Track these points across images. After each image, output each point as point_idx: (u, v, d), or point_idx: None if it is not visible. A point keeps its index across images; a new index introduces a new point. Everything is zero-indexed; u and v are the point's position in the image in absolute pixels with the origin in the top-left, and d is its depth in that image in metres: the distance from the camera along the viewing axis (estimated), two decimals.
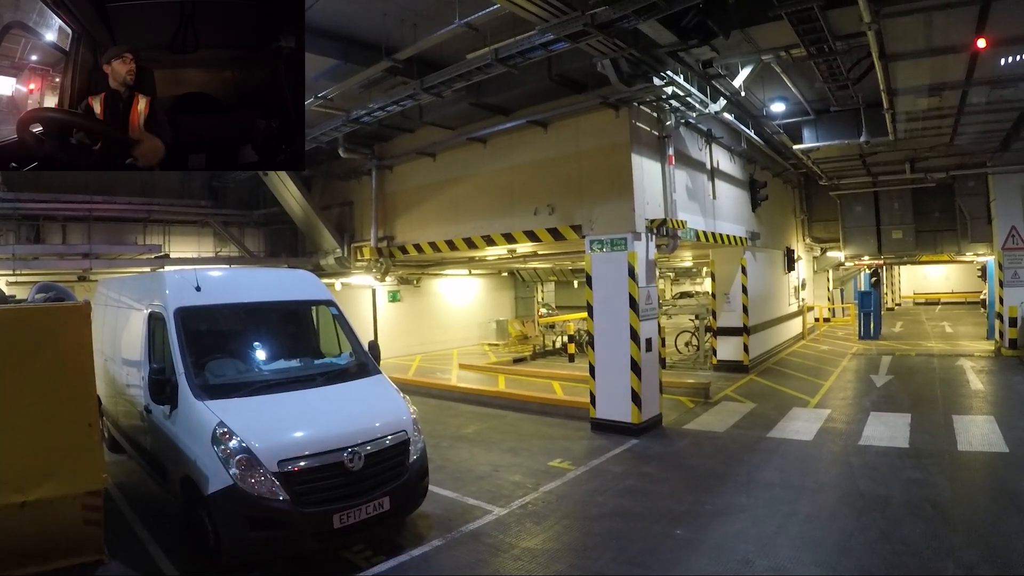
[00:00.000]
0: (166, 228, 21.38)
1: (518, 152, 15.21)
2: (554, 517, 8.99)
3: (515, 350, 26.72)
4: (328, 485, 7.25)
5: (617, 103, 13.07)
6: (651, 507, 9.21)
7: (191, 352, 8.22)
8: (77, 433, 6.91)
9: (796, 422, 13.68)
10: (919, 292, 50.25)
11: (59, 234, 19.44)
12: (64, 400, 6.89)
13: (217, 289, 9.26)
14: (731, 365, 20.00)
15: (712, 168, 17.51)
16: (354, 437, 7.58)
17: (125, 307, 10.62)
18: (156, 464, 8.82)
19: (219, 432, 7.18)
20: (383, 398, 8.76)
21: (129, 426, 10.21)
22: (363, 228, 19.88)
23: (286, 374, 8.61)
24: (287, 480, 7.01)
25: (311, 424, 7.70)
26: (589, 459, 11.53)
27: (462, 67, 11.38)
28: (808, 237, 30.37)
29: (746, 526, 8.41)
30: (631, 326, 12.91)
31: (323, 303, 10.08)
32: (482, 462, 11.54)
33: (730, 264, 20.11)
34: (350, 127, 14.92)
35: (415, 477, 8.16)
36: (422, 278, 26.64)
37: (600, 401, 13.49)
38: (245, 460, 6.98)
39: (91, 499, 6.99)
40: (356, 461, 7.42)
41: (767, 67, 13.82)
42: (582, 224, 13.76)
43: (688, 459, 11.57)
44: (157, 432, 8.49)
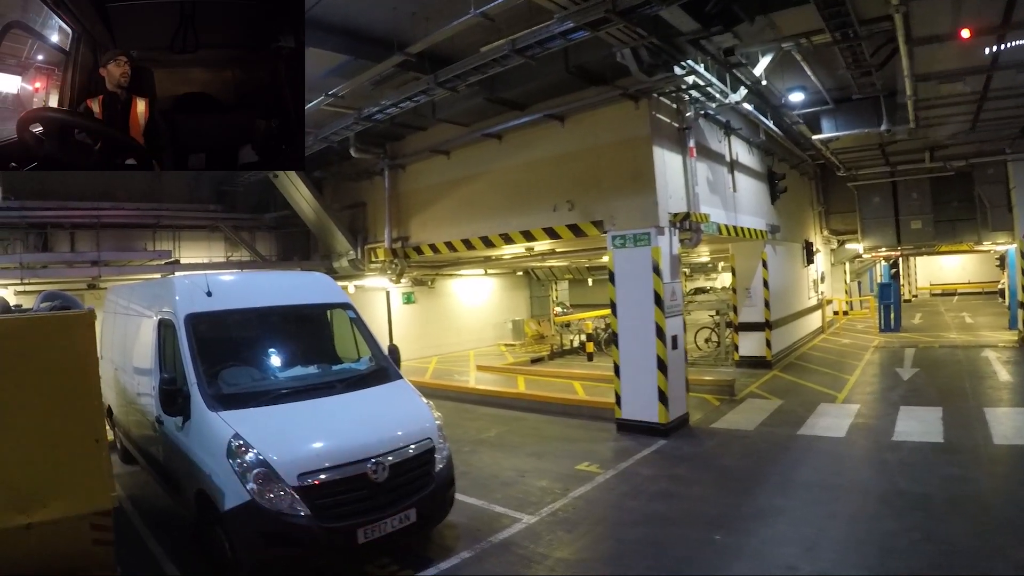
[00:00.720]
0: (176, 234, 21.08)
1: (535, 147, 14.86)
2: (586, 524, 8.66)
3: (532, 350, 26.47)
4: (351, 498, 6.88)
5: (637, 94, 12.72)
6: (686, 511, 8.91)
7: (203, 360, 7.86)
8: (84, 450, 6.44)
9: (826, 418, 13.38)
10: (935, 283, 49.87)
11: (67, 242, 19.15)
12: (70, 415, 6.42)
13: (229, 294, 8.90)
14: (753, 361, 19.69)
15: (731, 160, 17.12)
16: (377, 447, 7.19)
17: (135, 314, 10.29)
18: (169, 477, 8.46)
19: (235, 445, 6.81)
20: (406, 404, 8.38)
21: (140, 436, 9.87)
22: (377, 229, 19.55)
23: (303, 382, 8.21)
24: (308, 494, 6.64)
25: (332, 434, 7.33)
26: (617, 462, 11.19)
27: (477, 59, 11.01)
28: (826, 229, 29.98)
29: (786, 529, 8.11)
30: (656, 323, 12.55)
31: (340, 306, 9.71)
32: (507, 467, 11.19)
33: (750, 258, 19.79)
34: (362, 125, 14.53)
35: (442, 487, 7.80)
36: (436, 279, 26.38)
37: (625, 401, 13.14)
38: (263, 474, 6.61)
39: (100, 519, 6.51)
40: (380, 472, 7.03)
41: (784, 56, 13.38)
42: (603, 219, 13.39)
43: (719, 459, 11.26)
44: (169, 444, 8.12)
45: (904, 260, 38.32)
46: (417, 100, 12.83)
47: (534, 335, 28.04)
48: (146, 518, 9.43)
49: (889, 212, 27.33)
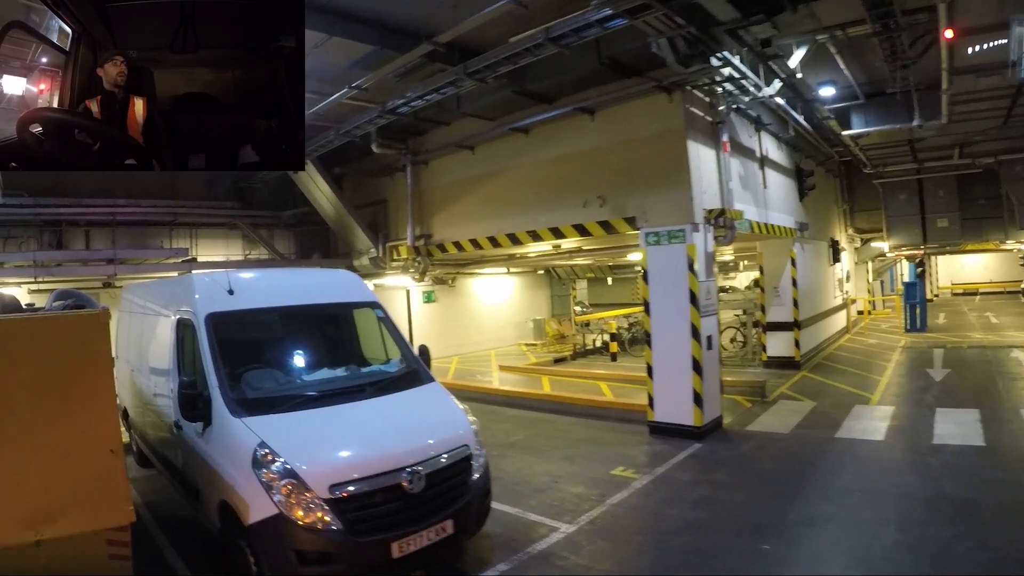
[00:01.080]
0: (193, 231, 20.79)
1: (563, 142, 14.47)
2: (626, 533, 8.31)
3: (554, 350, 26.12)
4: (386, 510, 6.44)
5: (671, 87, 12.33)
6: (729, 518, 8.56)
7: (225, 363, 7.43)
8: (98, 461, 5.99)
9: (862, 421, 13.07)
10: (956, 282, 49.37)
11: (82, 240, 18.86)
12: (83, 422, 5.97)
13: (252, 292, 8.51)
14: (781, 361, 19.26)
15: (761, 156, 16.76)
16: (413, 455, 6.77)
17: (151, 314, 9.90)
18: (188, 484, 8.02)
19: (260, 454, 6.38)
20: (441, 409, 7.96)
21: (157, 439, 9.47)
22: (398, 227, 19.22)
23: (332, 385, 7.77)
24: (340, 507, 6.22)
25: (364, 442, 6.89)
26: (653, 466, 10.82)
27: (509, 48, 10.62)
28: (850, 227, 29.53)
29: (836, 537, 7.83)
30: (691, 323, 12.17)
31: (367, 305, 9.32)
32: (538, 472, 10.81)
33: (779, 256, 19.36)
34: (386, 119, 14.13)
35: (479, 496, 7.38)
36: (457, 278, 26.06)
37: (659, 403, 12.77)
38: (291, 485, 6.19)
39: (117, 534, 6.09)
40: (416, 482, 6.59)
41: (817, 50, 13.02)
42: (636, 216, 13.00)
43: (758, 464, 10.91)
44: (189, 450, 7.70)
45: (925, 259, 37.87)
46: (444, 92, 12.43)
47: (555, 335, 27.69)
48: (164, 526, 9.05)
49: (915, 210, 26.90)
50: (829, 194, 26.50)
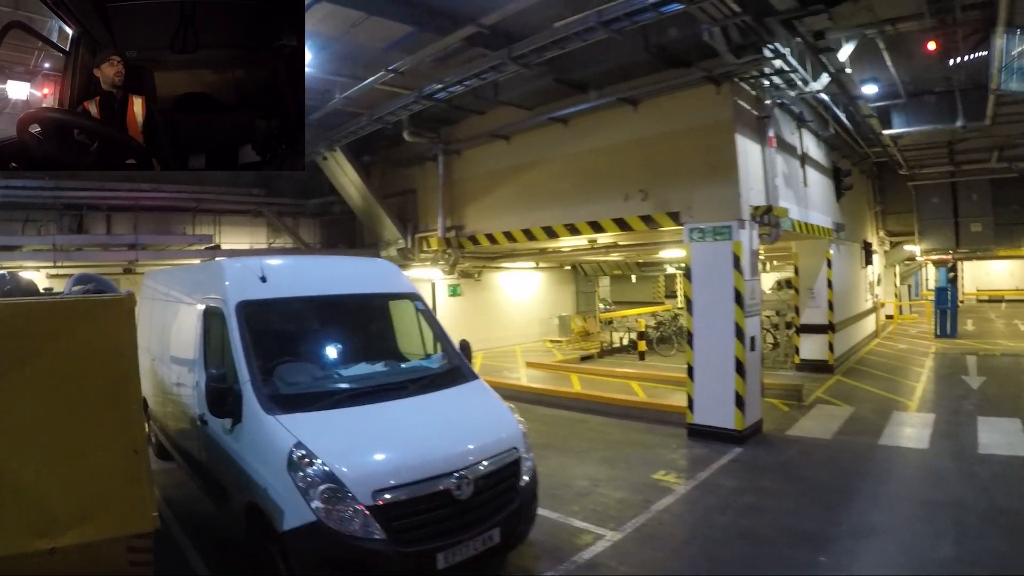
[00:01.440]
0: (217, 218, 20.59)
1: (604, 133, 14.04)
2: (675, 542, 7.96)
3: (580, 347, 25.78)
4: (432, 518, 5.97)
5: (720, 78, 11.89)
6: (781, 528, 8.24)
7: (257, 355, 6.93)
8: (120, 462, 5.46)
9: (904, 428, 12.79)
10: (982, 289, 48.70)
11: (103, 224, 18.71)
12: (104, 420, 5.45)
13: (286, 280, 7.99)
14: (815, 365, 18.82)
15: (802, 154, 16.28)
16: (461, 458, 6.29)
17: (174, 301, 9.51)
18: (212, 483, 7.63)
19: (297, 455, 5.87)
20: (488, 408, 7.53)
21: (178, 431, 9.06)
22: (428, 217, 18.86)
23: (371, 381, 7.25)
24: (383, 514, 5.72)
25: (409, 444, 6.40)
26: (695, 471, 10.48)
27: (558, 32, 10.21)
28: (882, 230, 28.97)
29: (892, 550, 7.57)
30: (736, 323, 11.78)
31: (407, 296, 8.87)
32: (577, 475, 10.42)
33: (815, 257, 18.90)
34: (422, 104, 13.71)
35: (527, 502, 6.93)
36: (483, 271, 25.70)
37: (699, 405, 12.37)
38: (331, 491, 5.70)
39: (139, 542, 5.54)
40: (464, 488, 6.10)
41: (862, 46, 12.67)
42: (680, 211, 12.60)
43: (803, 471, 10.56)
44: (215, 447, 7.24)
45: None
46: (485, 77, 12.05)
47: (580, 332, 27.34)
48: (184, 524, 8.64)
49: (948, 214, 26.40)
50: (862, 195, 25.96)
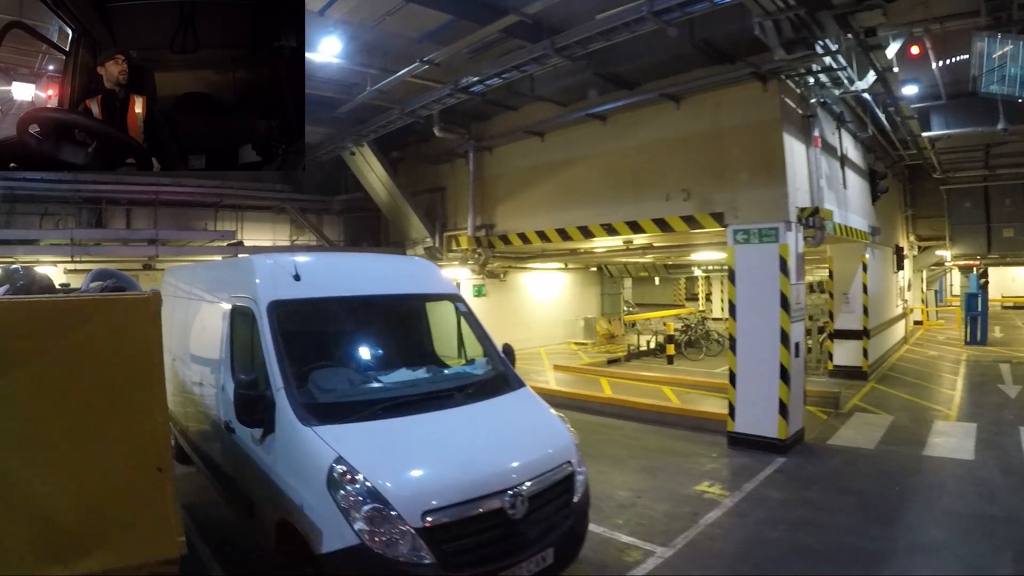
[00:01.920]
0: (239, 214, 20.38)
1: (644, 130, 13.70)
2: (729, 559, 7.59)
3: (606, 350, 25.40)
4: (486, 540, 5.48)
5: (767, 75, 11.52)
6: (837, 544, 7.87)
7: (291, 360, 6.38)
8: (142, 480, 4.89)
9: (946, 438, 12.41)
10: (1007, 295, 48.15)
11: (123, 219, 18.58)
12: (124, 433, 4.88)
13: (320, 278, 7.44)
14: (849, 371, 18.40)
15: (842, 155, 15.89)
16: (515, 474, 5.79)
17: (197, 299, 9.04)
18: (238, 495, 7.09)
19: (338, 471, 5.34)
20: (539, 418, 7.01)
21: (199, 434, 8.56)
22: (457, 216, 18.57)
23: (414, 389, 6.68)
24: (433, 536, 5.21)
25: (460, 458, 5.85)
26: (739, 482, 10.09)
27: (606, 22, 9.84)
28: (912, 234, 28.51)
29: (953, 567, 7.25)
30: (781, 328, 11.40)
31: (448, 297, 8.41)
32: (618, 485, 10.00)
33: (850, 261, 18.52)
34: (457, 97, 13.36)
35: (580, 519, 6.48)
36: (508, 272, 25.35)
37: (741, 413, 11.98)
38: (376, 512, 5.17)
39: (163, 568, 4.97)
40: (519, 506, 5.59)
41: None
42: (724, 211, 12.24)
43: (851, 482, 10.16)
44: (242, 458, 6.72)
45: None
46: (525, 70, 11.74)
47: (604, 334, 26.98)
48: (206, 536, 8.14)
49: (980, 218, 25.96)
50: (894, 199, 25.49)
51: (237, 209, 20.30)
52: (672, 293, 36.83)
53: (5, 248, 15.39)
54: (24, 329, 4.67)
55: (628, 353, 23.90)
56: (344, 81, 14.03)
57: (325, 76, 13.35)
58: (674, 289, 37.22)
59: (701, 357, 22.97)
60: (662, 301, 33.65)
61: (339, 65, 12.58)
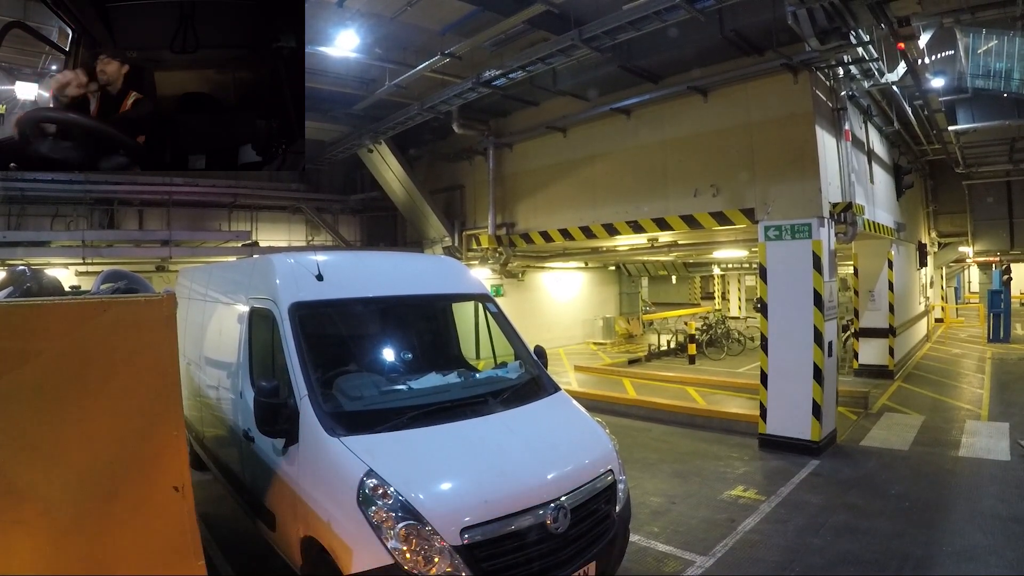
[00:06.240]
0: (253, 214, 20.19)
1: (670, 124, 13.40)
2: (771, 568, 7.26)
3: (626, 350, 25.11)
4: (527, 556, 5.13)
5: (798, 66, 11.20)
6: (883, 551, 7.59)
7: (315, 365, 6.03)
8: (158, 501, 4.53)
9: (980, 438, 12.11)
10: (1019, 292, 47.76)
11: (135, 219, 18.50)
12: (138, 450, 4.50)
13: (344, 278, 6.99)
14: (875, 370, 18.02)
15: (869, 150, 15.58)
16: (556, 485, 5.46)
17: (212, 301, 8.74)
18: (259, 507, 6.67)
19: (369, 486, 4.99)
20: (578, 425, 6.59)
21: (216, 441, 8.24)
22: (476, 214, 18.35)
23: (446, 395, 6.33)
24: (472, 554, 4.89)
25: (499, 470, 5.46)
26: (775, 486, 9.79)
27: (636, 11, 9.53)
28: (933, 231, 28.12)
29: (1005, 572, 7.00)
30: (815, 326, 11.10)
31: (479, 298, 8.10)
32: (650, 491, 9.71)
33: (875, 258, 18.12)
34: (478, 92, 13.07)
35: (622, 530, 6.15)
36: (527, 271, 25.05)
37: (772, 414, 11.68)
38: (411, 527, 4.83)
39: None
40: (561, 519, 5.28)
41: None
42: (755, 207, 11.91)
43: (889, 486, 9.85)
44: (263, 469, 6.39)
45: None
46: (550, 62, 11.47)
47: (623, 334, 26.68)
48: (225, 549, 7.79)
49: (1003, 213, 25.82)
50: (917, 194, 25.11)
51: (251, 209, 20.13)
52: (688, 292, 36.46)
53: (15, 250, 15.18)
54: (23, 333, 4.28)
55: (648, 353, 23.61)
56: (362, 76, 13.82)
57: (342, 71, 13.13)
58: (689, 288, 36.85)
59: (723, 357, 22.71)
60: (677, 300, 33.26)
61: (357, 60, 12.36)
